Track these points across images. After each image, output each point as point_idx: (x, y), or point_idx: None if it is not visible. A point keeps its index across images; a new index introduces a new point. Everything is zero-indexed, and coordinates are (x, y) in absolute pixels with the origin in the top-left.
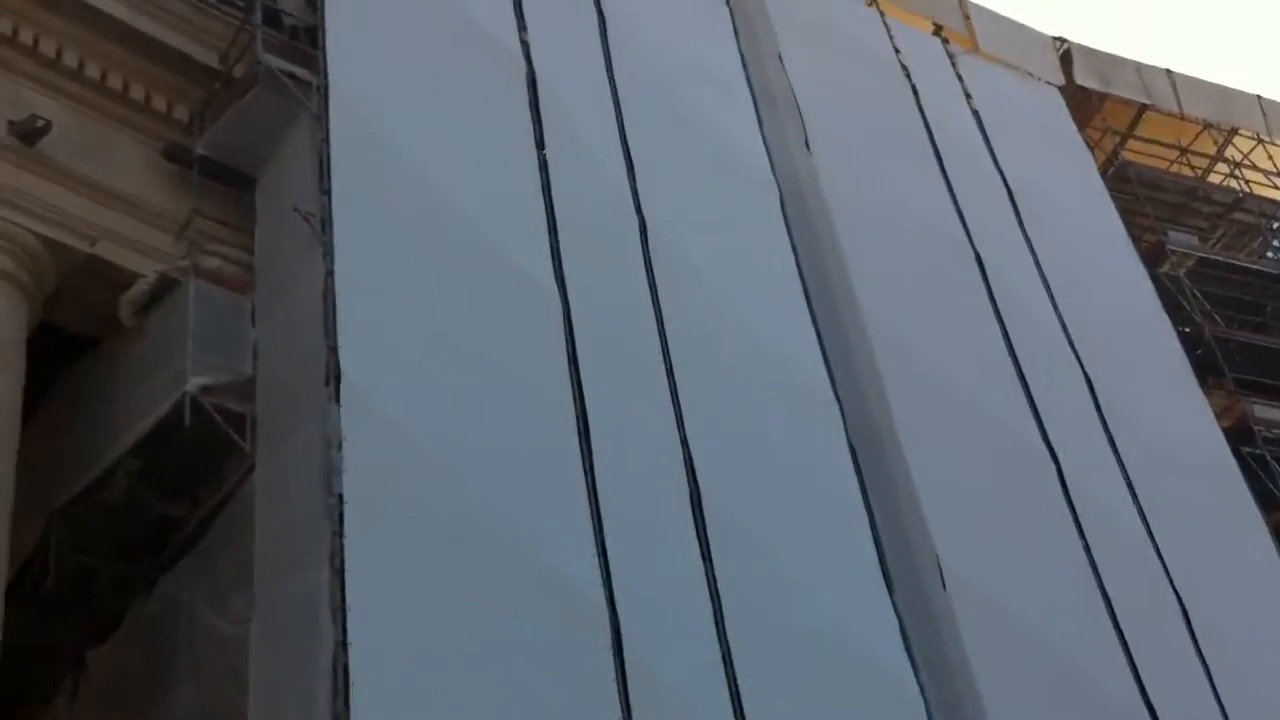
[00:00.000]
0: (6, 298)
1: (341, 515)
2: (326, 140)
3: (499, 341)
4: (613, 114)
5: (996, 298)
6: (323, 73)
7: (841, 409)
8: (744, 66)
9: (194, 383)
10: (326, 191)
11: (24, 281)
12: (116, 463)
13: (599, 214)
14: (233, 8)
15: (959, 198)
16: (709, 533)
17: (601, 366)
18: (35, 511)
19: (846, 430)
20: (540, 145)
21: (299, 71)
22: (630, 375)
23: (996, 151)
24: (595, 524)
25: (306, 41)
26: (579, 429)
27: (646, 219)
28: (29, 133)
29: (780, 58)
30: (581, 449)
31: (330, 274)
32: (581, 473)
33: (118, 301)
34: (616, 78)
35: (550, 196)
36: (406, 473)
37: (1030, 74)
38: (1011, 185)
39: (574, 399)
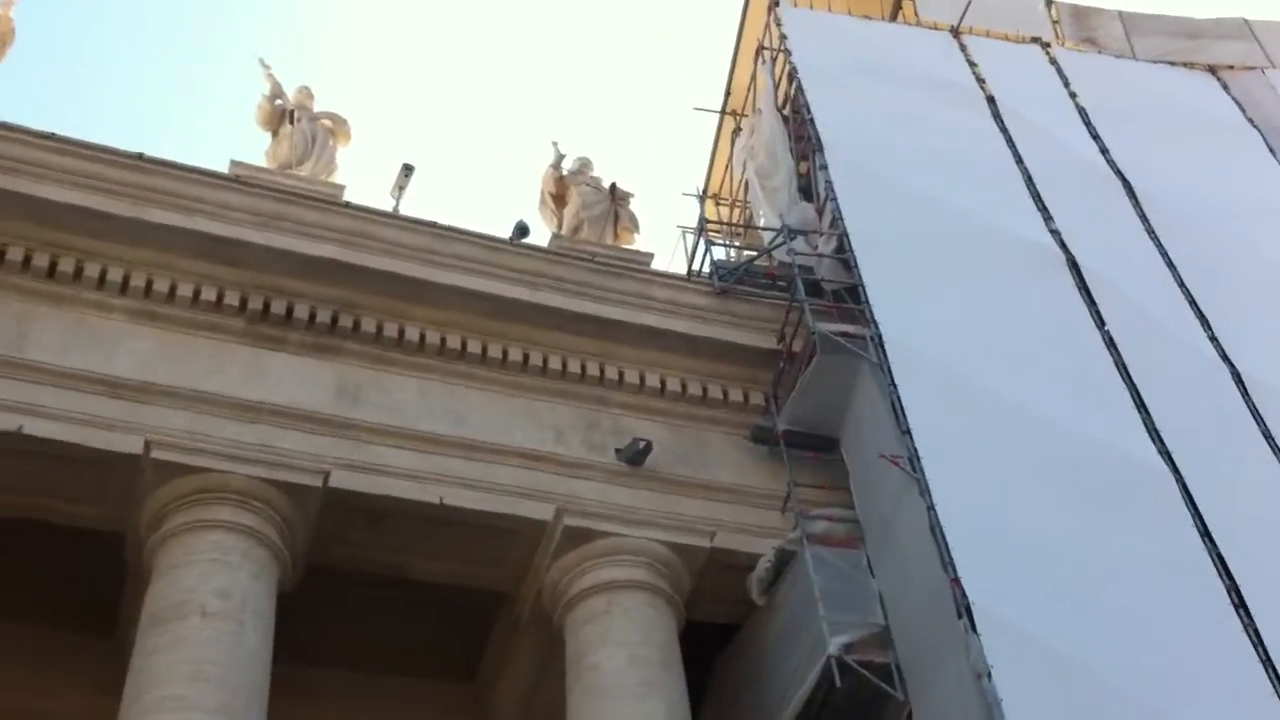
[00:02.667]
0: (654, 608)
1: None
2: (893, 384)
3: (1119, 537)
4: (1163, 275)
5: None
6: (872, 323)
7: None
8: None
9: (834, 644)
10: (906, 432)
11: (664, 589)
12: None
13: (1182, 371)
14: (775, 290)
15: None
16: None
17: (1247, 548)
18: None
19: None
20: (1100, 323)
21: (850, 329)
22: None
23: None
24: None
25: (850, 300)
26: (1232, 599)
27: (1240, 369)
28: (635, 455)
29: None
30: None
31: (931, 508)
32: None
33: (745, 585)
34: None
35: (1128, 372)
36: (1060, 690)
37: None
38: None
39: (1220, 576)
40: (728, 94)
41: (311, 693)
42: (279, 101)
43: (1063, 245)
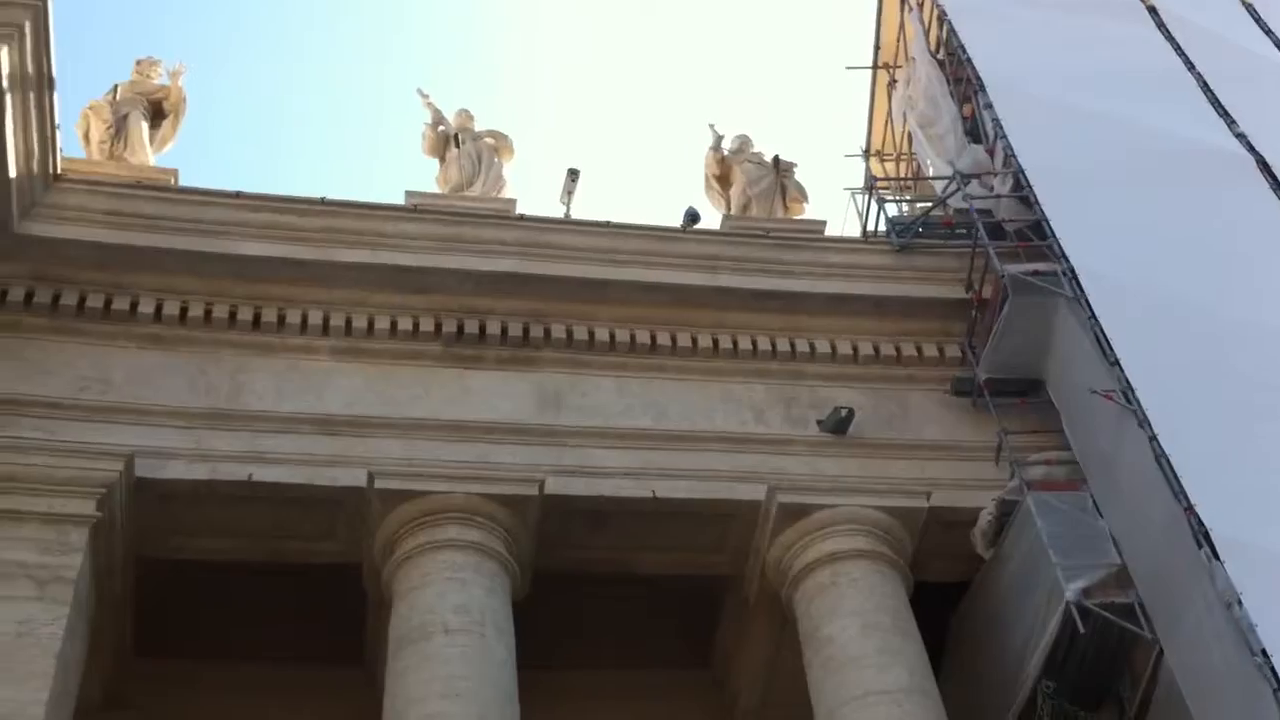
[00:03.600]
0: (879, 575)
1: (1274, 670)
2: (1093, 316)
3: None
4: None
5: None
6: (1062, 257)
7: None
8: None
9: (1071, 590)
10: (1115, 363)
11: (887, 555)
12: (1033, 692)
13: None
14: (956, 239)
15: None
16: None
17: None
18: None
19: None
20: None
21: (1040, 266)
22: None
23: None
24: None
25: (1035, 237)
26: None
27: None
28: (838, 424)
29: None
30: None
31: (1154, 439)
32: None
33: (970, 540)
34: None
35: None
36: None
37: None
38: None
39: None
40: (877, 48)
41: (558, 696)
42: (441, 127)
43: (1250, 148)
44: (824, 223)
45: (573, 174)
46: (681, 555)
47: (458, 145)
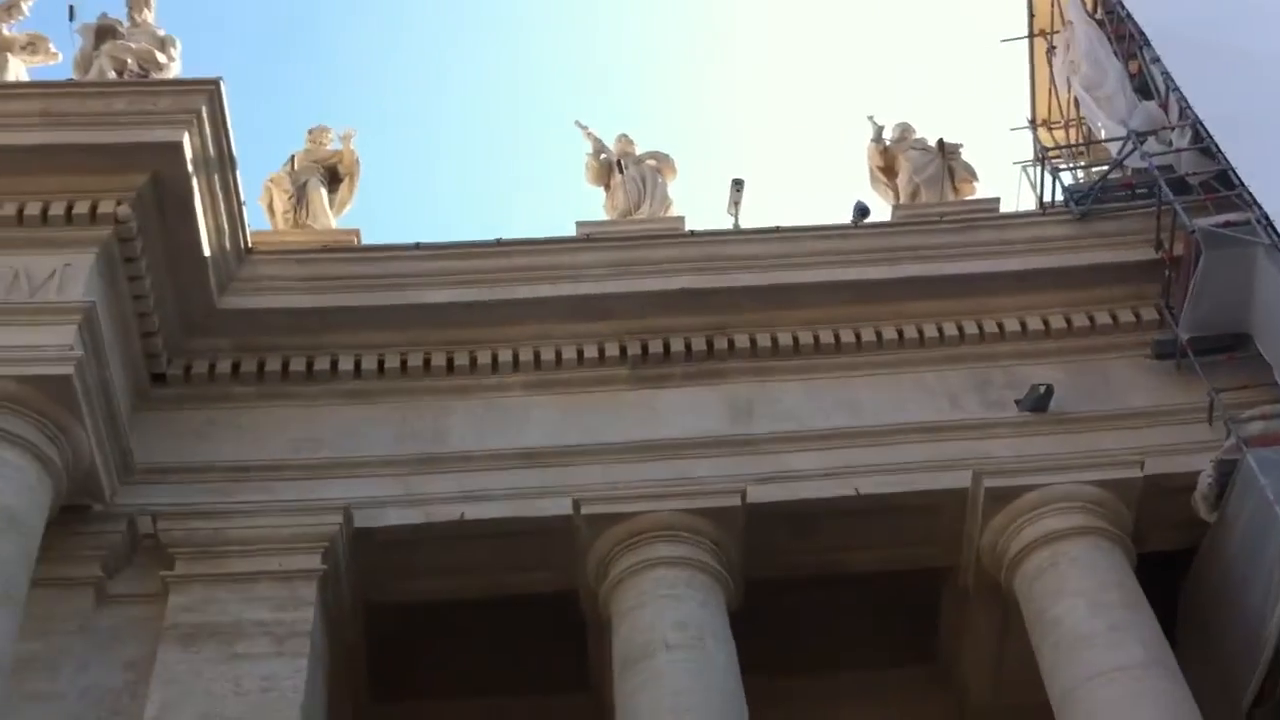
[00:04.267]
0: (1099, 550)
1: None
2: None
3: None
4: None
5: None
6: (1253, 205)
7: None
8: None
9: None
10: None
11: (1105, 529)
12: (1276, 649)
13: None
14: (1138, 199)
15: None
16: None
17: None
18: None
19: None
20: None
21: (1232, 217)
22: None
23: None
24: None
25: (1222, 188)
26: None
27: None
28: (1037, 401)
29: None
30: None
31: None
32: None
33: (1191, 505)
34: None
35: None
36: None
37: None
38: None
39: None
40: (1031, 15)
41: (785, 702)
42: (604, 155)
43: None
44: (997, 200)
45: (737, 184)
46: (892, 551)
47: (621, 171)
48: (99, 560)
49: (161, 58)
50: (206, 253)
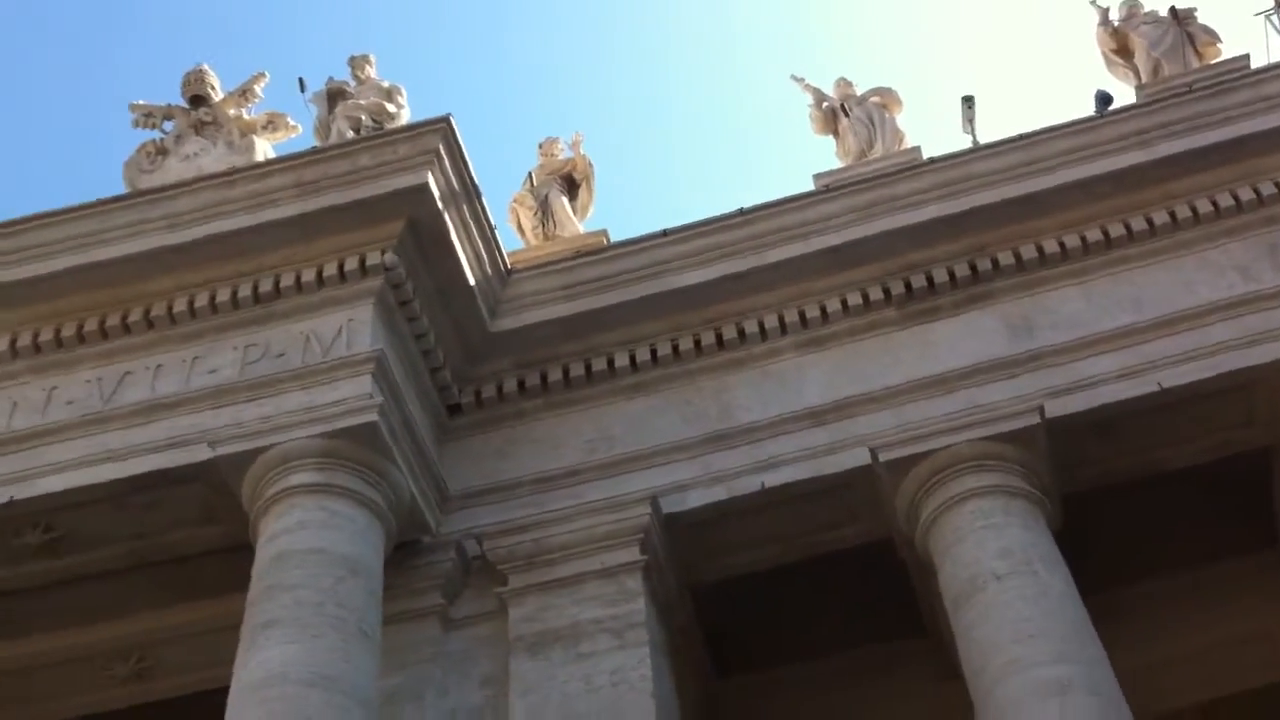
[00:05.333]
0: None
1: None
2: None
3: None
4: None
5: None
6: None
7: None
8: None
9: None
10: None
11: None
12: None
13: None
14: None
15: None
16: None
17: None
18: None
19: None
20: None
21: None
22: None
23: None
24: None
25: None
26: None
27: None
28: None
29: None
30: None
31: None
32: None
33: None
34: None
35: None
36: None
37: None
38: None
39: None
40: None
41: (1123, 615)
42: (826, 104)
43: None
44: (1247, 56)
45: (968, 101)
46: (1207, 441)
47: (846, 115)
48: (438, 589)
49: (391, 107)
50: (471, 282)
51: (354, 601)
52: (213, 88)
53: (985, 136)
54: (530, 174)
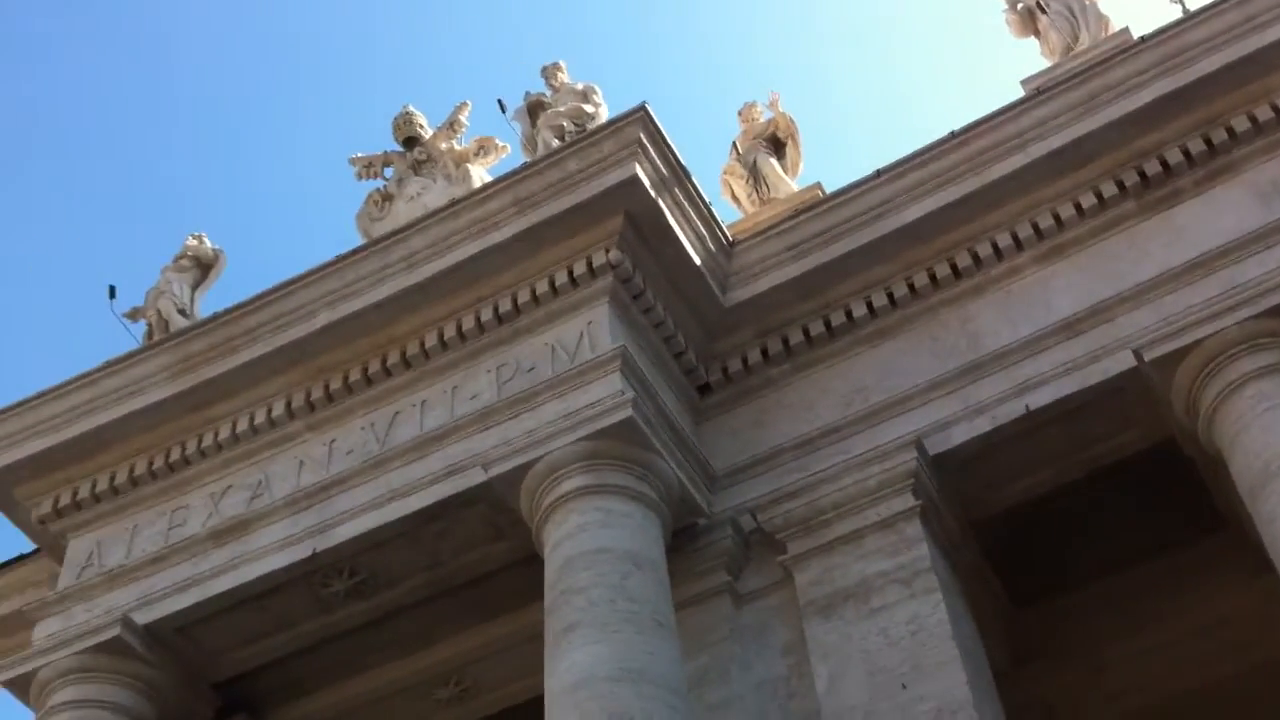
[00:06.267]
0: None
1: None
2: None
3: None
4: None
5: None
6: None
7: None
8: None
9: None
10: None
11: None
12: None
13: None
14: None
15: None
16: None
17: None
18: None
19: None
20: None
21: None
22: None
23: None
24: None
25: None
26: None
27: None
28: None
29: None
30: None
31: None
32: None
33: None
34: None
35: None
36: None
37: None
38: None
39: None
40: None
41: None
42: (1020, 4)
43: None
44: None
45: None
46: None
47: (1044, 11)
48: (722, 567)
49: (589, 108)
50: (698, 261)
51: (644, 594)
52: (422, 127)
53: (1195, 2)
54: (735, 143)
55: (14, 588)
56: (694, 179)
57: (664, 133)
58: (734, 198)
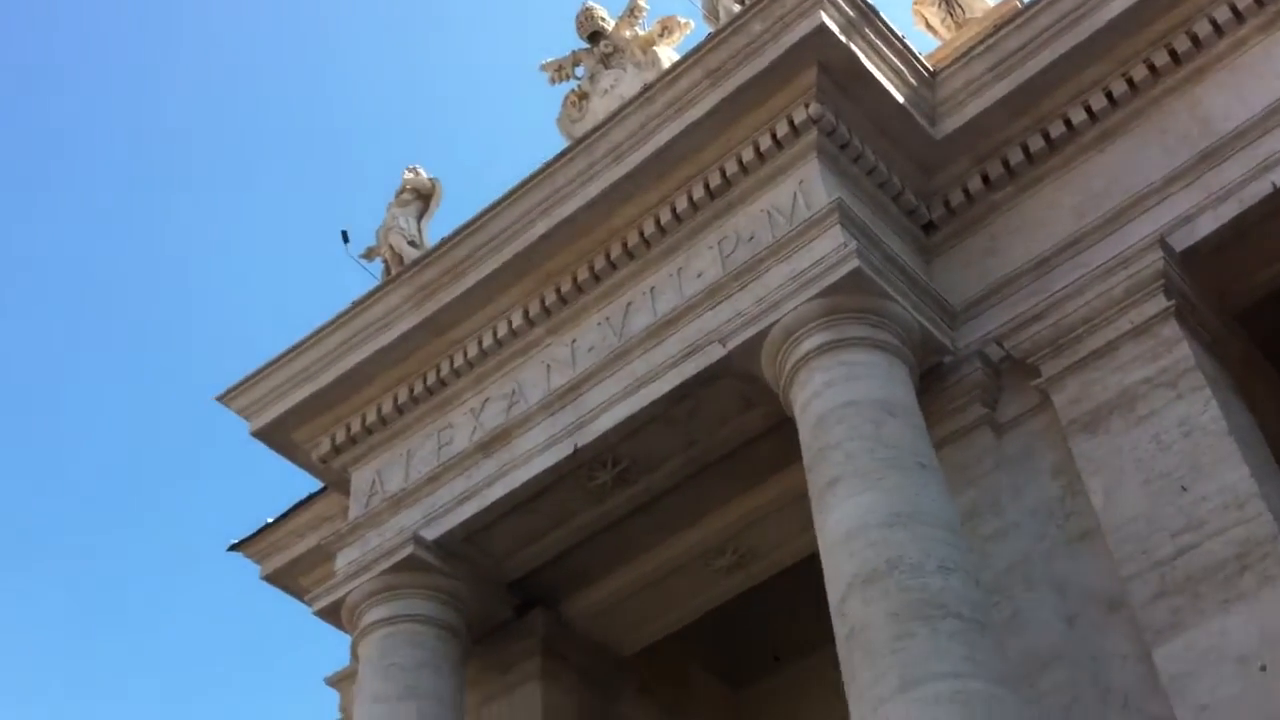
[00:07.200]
0: None
1: None
2: None
3: None
4: None
5: None
6: None
7: None
8: None
9: None
10: None
11: None
12: None
13: None
14: None
15: None
16: None
17: None
18: None
19: None
20: None
21: None
22: None
23: None
24: None
25: None
26: None
27: None
28: None
29: None
30: None
31: None
32: None
33: None
34: None
35: None
36: None
37: None
38: None
39: None
40: None
41: None
42: None
43: None
44: None
45: None
46: None
47: None
48: (977, 400)
49: None
50: (900, 100)
51: (901, 440)
52: (604, 20)
53: None
54: None
55: (310, 525)
56: (883, 16)
57: None
58: (928, 27)
